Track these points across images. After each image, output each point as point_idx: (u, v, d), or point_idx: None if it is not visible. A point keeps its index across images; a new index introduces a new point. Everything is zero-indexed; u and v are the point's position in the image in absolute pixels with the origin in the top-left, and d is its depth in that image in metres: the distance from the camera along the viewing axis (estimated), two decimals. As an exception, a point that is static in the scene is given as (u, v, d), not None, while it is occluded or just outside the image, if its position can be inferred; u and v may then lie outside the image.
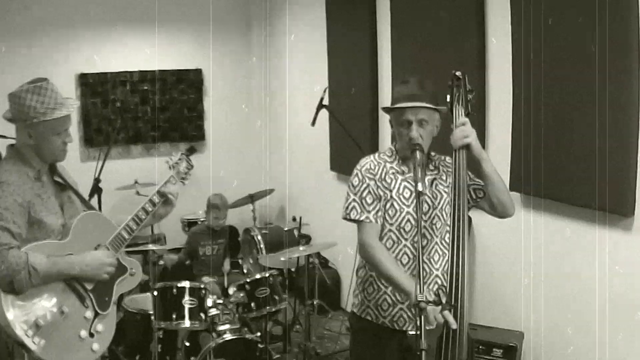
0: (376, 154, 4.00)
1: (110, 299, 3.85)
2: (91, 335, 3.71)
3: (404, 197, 3.85)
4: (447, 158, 4.00)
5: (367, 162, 3.94)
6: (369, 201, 3.83)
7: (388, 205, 3.84)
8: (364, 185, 3.86)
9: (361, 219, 3.83)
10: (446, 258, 3.85)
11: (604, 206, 4.43)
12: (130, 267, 4.01)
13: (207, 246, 7.26)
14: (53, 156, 3.78)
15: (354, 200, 3.87)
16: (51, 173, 3.85)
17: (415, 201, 3.76)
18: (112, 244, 3.88)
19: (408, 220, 3.83)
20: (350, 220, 3.88)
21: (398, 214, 3.83)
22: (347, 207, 3.89)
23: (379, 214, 3.84)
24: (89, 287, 3.74)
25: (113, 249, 3.87)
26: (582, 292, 4.74)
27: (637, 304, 4.35)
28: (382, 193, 3.85)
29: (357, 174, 3.91)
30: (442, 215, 3.88)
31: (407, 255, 3.84)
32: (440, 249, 3.90)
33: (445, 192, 3.90)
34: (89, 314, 3.71)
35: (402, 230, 3.83)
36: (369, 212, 3.82)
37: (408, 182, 3.87)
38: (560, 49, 4.69)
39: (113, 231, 3.94)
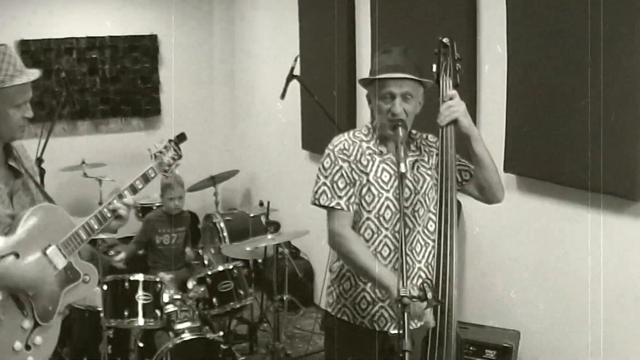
0: (350, 132, 3.96)
1: (55, 309, 3.66)
2: (27, 347, 3.53)
3: (383, 181, 3.82)
4: (430, 136, 3.98)
5: (340, 141, 3.89)
6: (341, 186, 3.80)
7: (364, 190, 3.81)
8: (336, 168, 3.82)
9: (331, 205, 3.80)
10: (429, 249, 3.87)
11: (610, 189, 4.41)
12: (83, 274, 3.82)
13: (165, 234, 7.21)
14: (10, 133, 3.63)
15: (324, 184, 3.84)
16: (5, 155, 3.68)
17: (395, 186, 3.75)
18: (65, 245, 3.64)
19: (388, 207, 3.80)
20: (320, 206, 3.85)
21: (376, 200, 3.80)
22: (316, 192, 3.86)
23: (352, 200, 3.81)
24: (31, 292, 3.55)
25: (66, 251, 3.64)
26: (587, 285, 4.72)
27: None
28: (357, 177, 3.81)
29: (328, 155, 3.87)
30: (425, 201, 3.86)
31: (388, 246, 3.82)
32: (422, 238, 3.88)
33: (428, 174, 3.89)
34: (27, 323, 3.52)
35: (381, 219, 3.80)
36: (340, 197, 3.79)
37: (387, 164, 3.84)
38: (562, 13, 4.67)
39: (70, 230, 3.71)
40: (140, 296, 5.66)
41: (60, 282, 3.67)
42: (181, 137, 4.20)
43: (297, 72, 6.89)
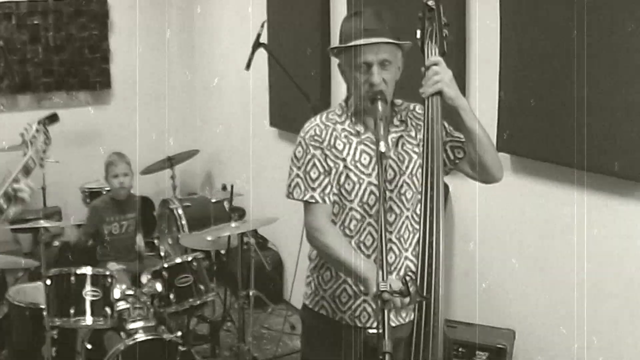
0: (323, 115, 3.92)
1: None
2: None
3: (362, 165, 3.79)
4: (417, 107, 3.94)
5: (311, 126, 3.87)
6: (314, 176, 3.79)
7: (343, 178, 3.79)
8: (308, 157, 3.81)
9: (305, 198, 3.79)
10: (418, 236, 3.81)
11: (619, 171, 4.39)
12: None
13: (114, 223, 7.17)
14: None
15: (297, 175, 3.83)
16: None
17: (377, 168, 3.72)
18: None
19: (372, 192, 3.78)
20: (294, 199, 3.85)
21: (357, 186, 3.78)
22: (289, 184, 3.86)
23: (327, 191, 3.79)
24: None
25: None
26: (591, 279, 4.72)
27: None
28: (332, 164, 3.79)
29: (300, 143, 3.86)
30: (413, 183, 3.84)
31: (373, 235, 3.81)
32: (411, 224, 3.87)
33: (415, 152, 3.86)
34: None
35: (366, 206, 3.79)
36: (313, 189, 3.78)
37: (365, 144, 3.81)
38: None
39: None
40: (88, 292, 5.61)
41: None
42: (52, 118, 4.06)
43: (264, 39, 6.86)
